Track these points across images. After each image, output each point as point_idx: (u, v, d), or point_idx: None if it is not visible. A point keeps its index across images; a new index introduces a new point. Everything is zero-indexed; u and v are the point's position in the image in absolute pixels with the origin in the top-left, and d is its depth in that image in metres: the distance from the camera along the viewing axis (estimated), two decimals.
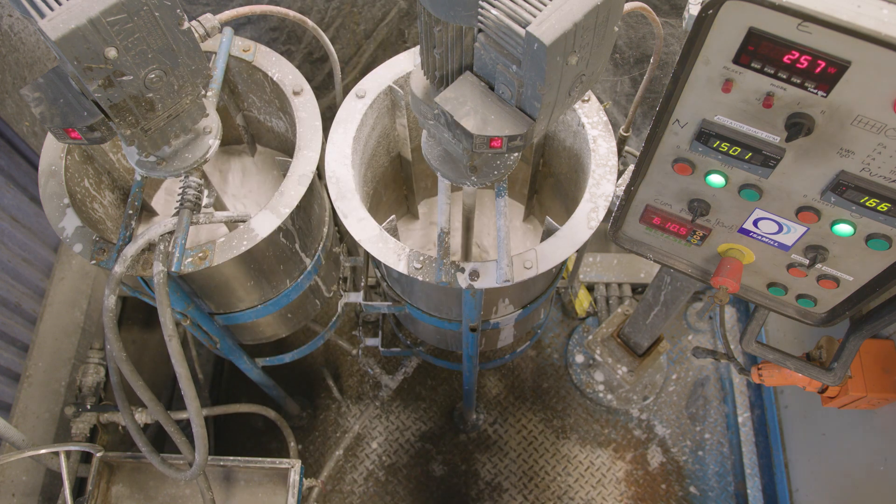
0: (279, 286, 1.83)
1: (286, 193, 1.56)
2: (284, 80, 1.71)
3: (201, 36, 1.43)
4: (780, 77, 0.95)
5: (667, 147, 1.19)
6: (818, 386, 1.75)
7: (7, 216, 2.28)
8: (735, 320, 2.99)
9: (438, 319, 1.88)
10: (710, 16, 0.93)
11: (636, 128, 2.41)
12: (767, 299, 1.44)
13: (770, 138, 1.06)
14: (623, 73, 2.26)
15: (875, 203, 1.03)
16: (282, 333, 2.10)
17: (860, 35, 0.84)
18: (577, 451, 2.77)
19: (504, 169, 1.37)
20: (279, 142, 2.07)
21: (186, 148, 1.39)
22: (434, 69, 1.15)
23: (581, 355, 2.92)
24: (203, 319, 1.79)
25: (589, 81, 1.06)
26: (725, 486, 2.70)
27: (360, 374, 2.93)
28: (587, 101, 1.69)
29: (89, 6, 1.01)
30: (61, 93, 1.19)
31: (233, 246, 1.50)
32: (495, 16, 0.96)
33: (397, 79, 1.73)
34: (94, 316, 2.60)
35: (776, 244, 1.27)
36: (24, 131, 2.15)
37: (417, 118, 1.31)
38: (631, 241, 1.49)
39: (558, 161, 1.95)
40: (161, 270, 1.38)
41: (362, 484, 2.72)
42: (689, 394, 2.88)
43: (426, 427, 2.82)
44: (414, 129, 1.92)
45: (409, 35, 2.17)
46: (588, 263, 2.99)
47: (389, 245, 1.52)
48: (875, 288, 1.23)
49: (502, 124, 1.06)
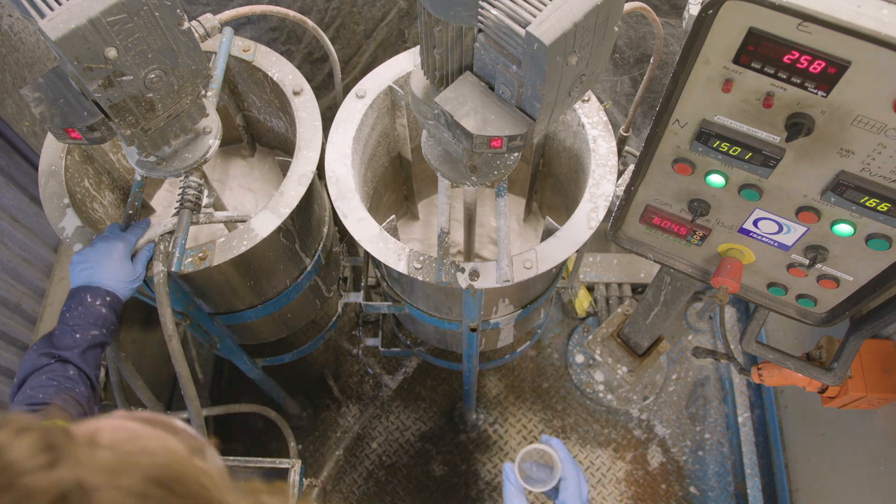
0: (279, 286, 1.84)
1: (286, 193, 1.56)
2: (284, 80, 1.71)
3: (201, 36, 1.43)
4: (780, 77, 0.95)
5: (667, 147, 1.19)
6: (818, 386, 1.75)
7: (7, 216, 2.28)
8: (735, 320, 2.99)
9: (438, 319, 1.88)
10: (710, 16, 0.93)
11: (636, 128, 2.41)
12: (767, 299, 1.44)
13: (770, 138, 1.06)
14: (623, 73, 2.26)
15: (875, 203, 1.03)
16: (282, 333, 2.10)
17: (860, 35, 0.84)
18: (577, 451, 2.76)
19: (504, 169, 1.37)
20: (279, 142, 2.07)
21: (186, 148, 1.39)
22: (434, 69, 1.15)
23: (581, 355, 2.92)
24: (203, 319, 1.79)
25: (589, 81, 1.06)
26: (725, 486, 2.70)
27: (360, 374, 2.94)
28: (587, 101, 1.69)
29: (89, 6, 1.01)
30: (61, 93, 1.19)
31: (233, 246, 1.50)
32: (495, 16, 0.96)
33: (397, 79, 1.73)
34: None
35: (776, 244, 1.27)
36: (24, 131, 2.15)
37: (417, 118, 1.31)
38: (631, 241, 1.49)
39: (558, 161, 1.95)
40: (161, 270, 1.38)
41: (362, 484, 2.72)
42: (689, 394, 2.88)
43: (426, 427, 2.82)
44: (414, 129, 1.92)
45: (409, 35, 2.17)
46: (588, 263, 2.99)
47: (389, 245, 1.52)
48: (875, 288, 1.23)
49: (502, 124, 1.06)
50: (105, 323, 1.37)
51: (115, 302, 1.39)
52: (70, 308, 1.36)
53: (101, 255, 1.41)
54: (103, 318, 1.36)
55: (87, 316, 1.35)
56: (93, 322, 1.35)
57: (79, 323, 1.34)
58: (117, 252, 1.41)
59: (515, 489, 1.17)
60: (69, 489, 0.52)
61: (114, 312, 1.39)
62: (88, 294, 1.36)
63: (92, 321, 1.35)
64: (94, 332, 1.35)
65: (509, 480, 1.19)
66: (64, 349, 1.31)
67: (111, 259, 1.40)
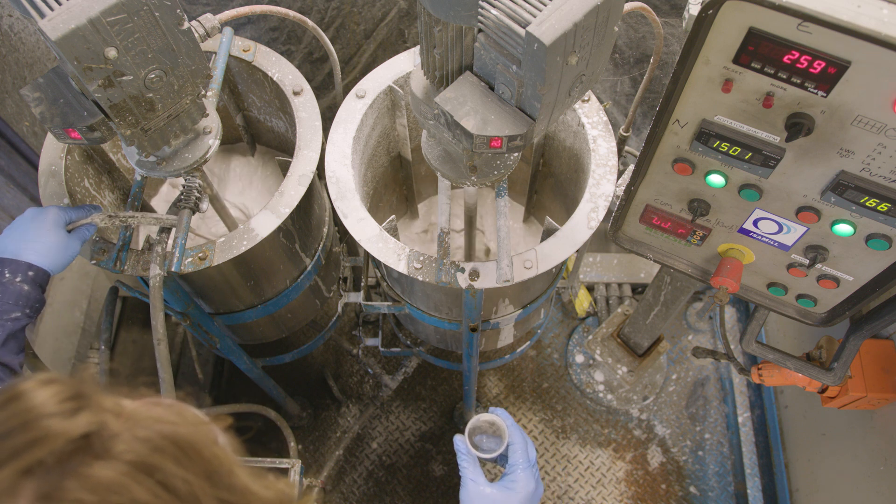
0: (279, 286, 1.84)
1: (286, 193, 1.56)
2: (284, 80, 1.71)
3: (201, 36, 1.43)
4: (780, 77, 0.95)
5: (667, 147, 1.19)
6: (818, 386, 1.75)
7: (7, 216, 2.28)
8: (735, 320, 2.99)
9: (438, 319, 1.88)
10: (710, 16, 0.93)
11: (636, 128, 2.40)
12: (767, 299, 1.44)
13: (770, 138, 1.06)
14: (623, 73, 2.26)
15: (875, 203, 1.04)
16: (282, 333, 2.10)
17: (860, 35, 0.84)
18: (577, 451, 2.76)
19: (504, 169, 1.37)
20: (279, 142, 2.07)
21: (186, 148, 1.39)
22: (434, 69, 1.15)
23: (581, 355, 2.92)
24: (203, 319, 1.79)
25: (589, 81, 1.06)
26: (725, 486, 2.70)
27: (360, 374, 2.93)
28: (587, 101, 1.69)
29: (89, 6, 1.01)
30: (61, 93, 1.19)
31: (233, 246, 1.50)
32: (495, 16, 0.96)
33: (397, 79, 1.73)
34: (94, 316, 2.60)
35: (776, 244, 1.27)
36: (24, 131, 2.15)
37: (417, 118, 1.31)
38: (631, 241, 1.49)
39: (558, 161, 1.95)
40: (157, 274, 1.37)
41: (362, 484, 2.72)
42: (689, 394, 2.88)
43: (426, 427, 2.82)
44: (414, 129, 1.92)
45: (409, 35, 2.17)
46: (588, 263, 2.99)
47: (389, 245, 1.52)
48: (875, 288, 1.23)
49: (502, 124, 1.06)
50: (28, 302, 1.23)
51: (39, 277, 1.25)
52: None
53: (28, 223, 1.29)
54: (25, 296, 1.22)
55: (6, 296, 1.20)
56: (13, 303, 1.21)
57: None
58: (48, 221, 1.30)
59: (470, 459, 1.19)
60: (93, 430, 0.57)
61: (38, 288, 1.25)
62: (7, 269, 1.22)
63: (12, 302, 1.21)
64: (15, 314, 1.21)
65: (462, 452, 1.20)
66: None
67: (40, 227, 1.28)
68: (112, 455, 0.56)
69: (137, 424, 0.60)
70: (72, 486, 0.54)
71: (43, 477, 0.54)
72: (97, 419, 0.57)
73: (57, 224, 1.31)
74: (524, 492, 1.16)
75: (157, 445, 0.59)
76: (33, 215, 1.32)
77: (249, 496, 0.66)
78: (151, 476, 0.57)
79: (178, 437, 0.61)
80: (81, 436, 0.56)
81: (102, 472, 0.55)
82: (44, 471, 0.54)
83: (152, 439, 0.59)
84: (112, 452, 0.56)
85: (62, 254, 1.31)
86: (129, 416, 0.61)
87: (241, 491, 0.65)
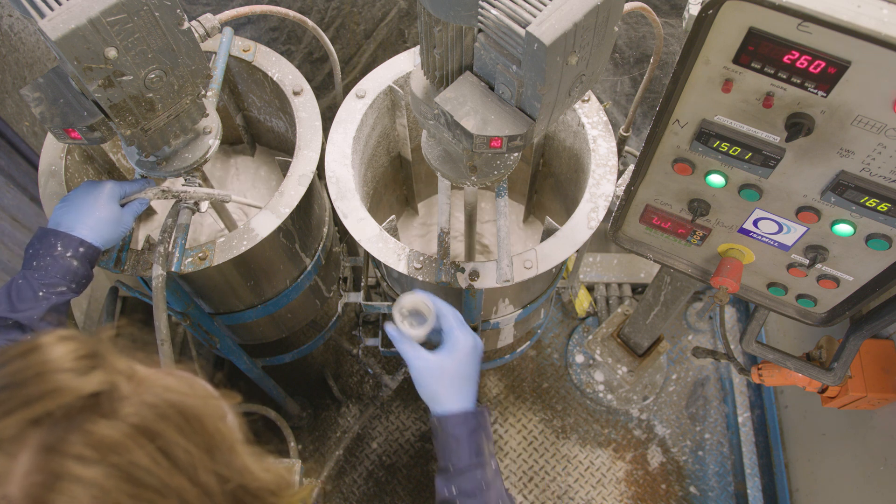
0: (279, 286, 1.84)
1: (286, 193, 1.56)
2: (284, 80, 1.71)
3: (201, 36, 1.43)
4: (780, 77, 0.95)
5: (667, 147, 1.19)
6: (818, 386, 1.75)
7: (7, 216, 2.28)
8: (735, 320, 2.99)
9: None
10: (710, 16, 0.93)
11: (636, 128, 2.40)
12: (767, 299, 1.44)
13: (770, 138, 1.06)
14: (623, 73, 2.26)
15: (875, 203, 1.04)
16: (282, 333, 2.10)
17: (860, 35, 0.84)
18: (577, 451, 2.76)
19: (504, 169, 1.37)
20: (279, 142, 2.07)
21: (186, 148, 1.39)
22: (434, 69, 1.15)
23: (581, 355, 2.92)
24: (203, 319, 1.79)
25: (589, 81, 1.06)
26: (725, 486, 2.70)
27: (360, 374, 2.93)
28: (587, 101, 1.69)
29: (89, 6, 1.01)
30: (61, 93, 1.19)
31: (233, 246, 1.50)
32: (495, 16, 0.96)
33: (397, 79, 1.73)
34: (94, 316, 2.60)
35: (776, 244, 1.27)
36: (24, 131, 2.15)
37: (417, 118, 1.31)
38: (631, 241, 1.49)
39: (558, 161, 1.95)
40: (160, 274, 1.37)
41: (362, 484, 2.72)
42: (689, 394, 2.88)
43: (426, 427, 2.82)
44: (414, 129, 1.92)
45: (409, 35, 2.17)
46: (588, 263, 2.99)
47: (389, 245, 1.52)
48: (875, 288, 1.23)
49: (502, 124, 1.06)
50: (75, 277, 1.22)
51: (90, 253, 1.25)
52: (38, 254, 1.22)
53: (83, 195, 1.27)
54: (73, 271, 1.22)
55: (55, 269, 1.20)
56: (60, 277, 1.20)
57: (44, 276, 1.19)
58: (103, 195, 1.28)
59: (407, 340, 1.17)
60: (103, 390, 0.58)
61: (88, 264, 1.25)
62: (60, 242, 1.22)
63: (59, 276, 1.20)
64: (60, 287, 1.20)
65: (397, 338, 1.17)
66: (23, 310, 1.16)
67: (95, 202, 1.27)
68: (118, 416, 0.58)
69: (147, 390, 0.61)
70: (75, 440, 0.55)
71: (49, 428, 0.55)
72: (109, 379, 0.59)
73: (112, 198, 1.31)
74: (466, 347, 1.15)
75: (163, 413, 0.60)
76: (89, 188, 1.30)
77: (247, 475, 0.67)
78: (153, 441, 0.58)
79: (185, 408, 0.62)
80: (91, 394, 0.57)
81: (106, 432, 0.56)
82: (51, 423, 0.56)
83: (159, 406, 0.60)
84: (118, 414, 0.58)
85: (115, 229, 1.30)
86: (141, 381, 0.62)
87: (240, 469, 0.67)
